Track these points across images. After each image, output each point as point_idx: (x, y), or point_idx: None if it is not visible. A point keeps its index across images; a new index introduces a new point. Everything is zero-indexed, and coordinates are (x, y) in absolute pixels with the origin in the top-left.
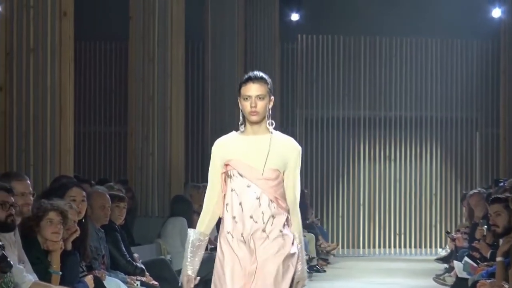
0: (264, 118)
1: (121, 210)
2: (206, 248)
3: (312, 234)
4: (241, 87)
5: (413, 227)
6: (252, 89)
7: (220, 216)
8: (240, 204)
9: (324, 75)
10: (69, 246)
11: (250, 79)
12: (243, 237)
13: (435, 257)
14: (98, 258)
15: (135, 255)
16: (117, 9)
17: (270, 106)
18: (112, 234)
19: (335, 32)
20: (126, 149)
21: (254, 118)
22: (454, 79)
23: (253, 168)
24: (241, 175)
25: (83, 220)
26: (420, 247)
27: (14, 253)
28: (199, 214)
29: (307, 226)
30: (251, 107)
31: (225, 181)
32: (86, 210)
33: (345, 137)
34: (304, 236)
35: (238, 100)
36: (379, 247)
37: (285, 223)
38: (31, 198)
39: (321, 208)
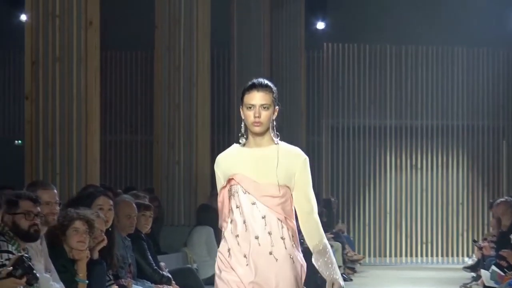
0: (268, 129)
1: (147, 218)
2: None
3: (339, 243)
4: (244, 95)
5: (440, 236)
6: (256, 98)
7: (223, 233)
8: (244, 222)
9: (350, 84)
10: (96, 255)
11: (254, 87)
12: (246, 258)
13: (462, 266)
14: (125, 267)
15: (162, 263)
16: (142, 18)
17: (275, 116)
18: (139, 243)
19: (361, 40)
20: (152, 157)
21: (257, 129)
22: (481, 88)
23: (258, 183)
24: (245, 191)
25: (110, 229)
26: (447, 255)
27: (41, 262)
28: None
29: (334, 235)
30: (254, 117)
31: (229, 197)
32: (113, 218)
33: (371, 146)
34: (332, 246)
35: (240, 109)
36: (406, 255)
37: (294, 244)
38: (57, 207)
39: (348, 217)
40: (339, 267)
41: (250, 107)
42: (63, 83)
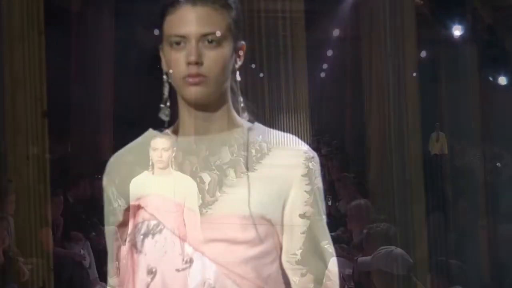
0: (222, 92)
1: None
2: None
3: None
4: (164, 16)
5: None
6: (190, 20)
7: None
8: None
9: None
10: None
11: None
12: None
13: None
14: None
15: None
16: None
17: (239, 64)
18: None
19: None
20: None
21: (195, 91)
22: None
23: (202, 215)
24: (170, 234)
25: None
26: None
27: None
28: None
29: None
30: (187, 63)
31: (131, 247)
32: None
33: None
34: None
35: (160, 51)
36: None
37: None
38: None
39: None
40: None
41: (177, 42)
42: None
